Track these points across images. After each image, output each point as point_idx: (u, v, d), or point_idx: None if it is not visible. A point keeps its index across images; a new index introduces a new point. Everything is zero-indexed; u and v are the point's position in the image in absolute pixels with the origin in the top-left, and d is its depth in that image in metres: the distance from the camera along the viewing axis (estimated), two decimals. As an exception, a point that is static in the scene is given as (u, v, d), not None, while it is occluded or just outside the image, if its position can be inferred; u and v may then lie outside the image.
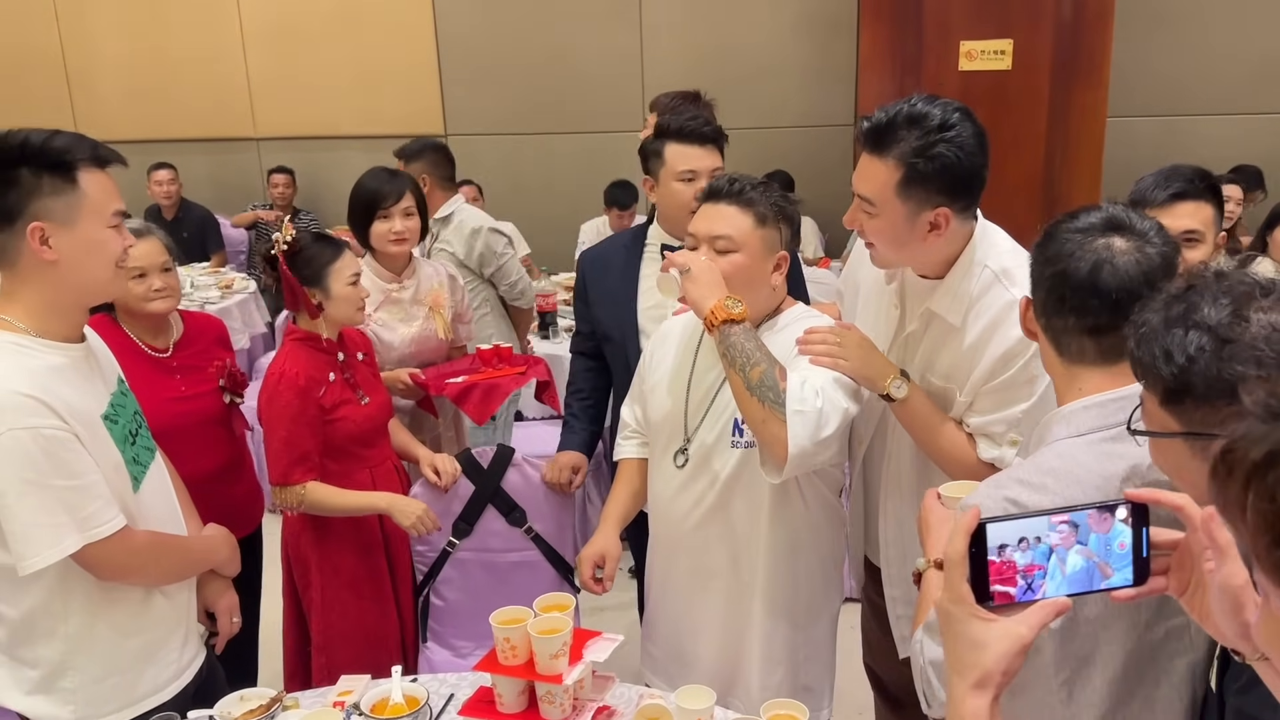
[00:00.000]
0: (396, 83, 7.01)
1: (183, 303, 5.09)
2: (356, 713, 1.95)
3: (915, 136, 1.80)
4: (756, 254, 2.02)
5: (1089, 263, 1.42)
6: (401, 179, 3.09)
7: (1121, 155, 5.63)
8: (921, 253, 1.92)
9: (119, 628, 1.92)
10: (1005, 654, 1.00)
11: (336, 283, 2.61)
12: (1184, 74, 6.13)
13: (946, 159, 1.79)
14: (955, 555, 1.02)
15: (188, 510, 2.19)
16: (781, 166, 6.26)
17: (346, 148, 6.75)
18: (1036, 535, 1.02)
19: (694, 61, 6.64)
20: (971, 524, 1.01)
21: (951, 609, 1.03)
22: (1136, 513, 1.03)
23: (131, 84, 7.34)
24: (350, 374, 2.67)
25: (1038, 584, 1.02)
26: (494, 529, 2.83)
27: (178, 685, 2.02)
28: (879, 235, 1.92)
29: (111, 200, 1.83)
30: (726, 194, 2.04)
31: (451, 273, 3.28)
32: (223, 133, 7.37)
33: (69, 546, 1.76)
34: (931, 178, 1.80)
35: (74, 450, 1.76)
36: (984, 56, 5.14)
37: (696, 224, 2.06)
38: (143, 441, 2.00)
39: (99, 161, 1.82)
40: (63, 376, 1.80)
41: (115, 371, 2.02)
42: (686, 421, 2.16)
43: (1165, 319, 1.13)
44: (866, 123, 1.88)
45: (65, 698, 1.89)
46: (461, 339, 3.33)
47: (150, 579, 1.96)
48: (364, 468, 2.66)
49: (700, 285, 1.95)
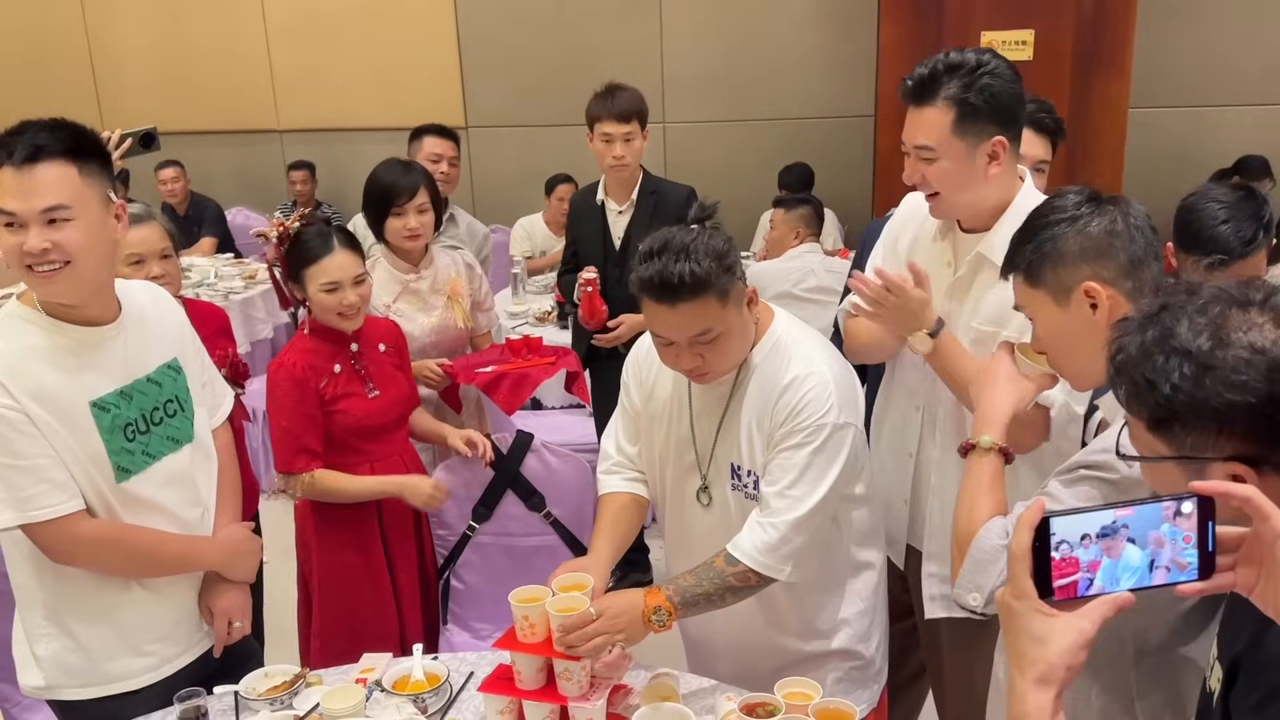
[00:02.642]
0: (418, 76, 7.04)
1: (206, 293, 5.22)
2: (379, 689, 1.99)
3: (959, 78, 1.96)
4: (736, 322, 1.90)
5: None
6: (415, 173, 3.05)
7: (1143, 146, 5.60)
8: (982, 192, 2.03)
9: (84, 608, 1.95)
10: (1069, 648, 0.99)
11: (311, 285, 2.54)
12: (1206, 65, 6.08)
13: (993, 88, 1.96)
14: (1019, 550, 1.01)
15: (224, 506, 2.14)
16: (802, 159, 6.26)
17: (368, 140, 6.78)
18: (1100, 529, 1.00)
19: (713, 54, 6.64)
20: (1035, 518, 1.00)
21: (1014, 604, 1.02)
22: (1203, 505, 1.01)
23: (156, 76, 7.42)
24: (362, 365, 2.62)
25: (1101, 578, 1.01)
26: (513, 513, 2.86)
27: (153, 676, 2.01)
28: (943, 178, 2.02)
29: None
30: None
31: (469, 261, 3.29)
32: (246, 125, 7.43)
33: (2, 521, 1.82)
34: (982, 109, 1.96)
35: (23, 430, 1.78)
36: (1005, 47, 5.11)
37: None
38: (166, 431, 1.99)
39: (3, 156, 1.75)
40: (52, 358, 1.82)
41: (170, 355, 2.02)
42: (698, 458, 2.07)
43: (1142, 344, 1.11)
44: (909, 81, 2.03)
45: (39, 663, 1.96)
46: (482, 327, 3.34)
47: (105, 569, 1.95)
48: (364, 462, 2.61)
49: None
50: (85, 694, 1.97)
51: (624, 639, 1.88)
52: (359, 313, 2.58)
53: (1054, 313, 1.62)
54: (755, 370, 1.98)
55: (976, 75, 1.95)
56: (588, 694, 1.84)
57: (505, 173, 6.94)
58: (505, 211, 6.66)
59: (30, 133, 1.76)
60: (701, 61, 6.68)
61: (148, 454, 1.95)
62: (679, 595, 1.91)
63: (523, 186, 6.52)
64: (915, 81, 2.01)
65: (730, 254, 1.86)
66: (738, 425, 2.00)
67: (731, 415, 2.01)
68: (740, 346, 1.94)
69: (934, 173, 2.01)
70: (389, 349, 2.73)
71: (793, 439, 1.92)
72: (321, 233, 2.58)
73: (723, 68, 6.68)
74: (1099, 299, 1.56)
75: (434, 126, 3.97)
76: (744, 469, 2.00)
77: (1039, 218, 1.65)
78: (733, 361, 1.96)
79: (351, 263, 2.55)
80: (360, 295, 2.56)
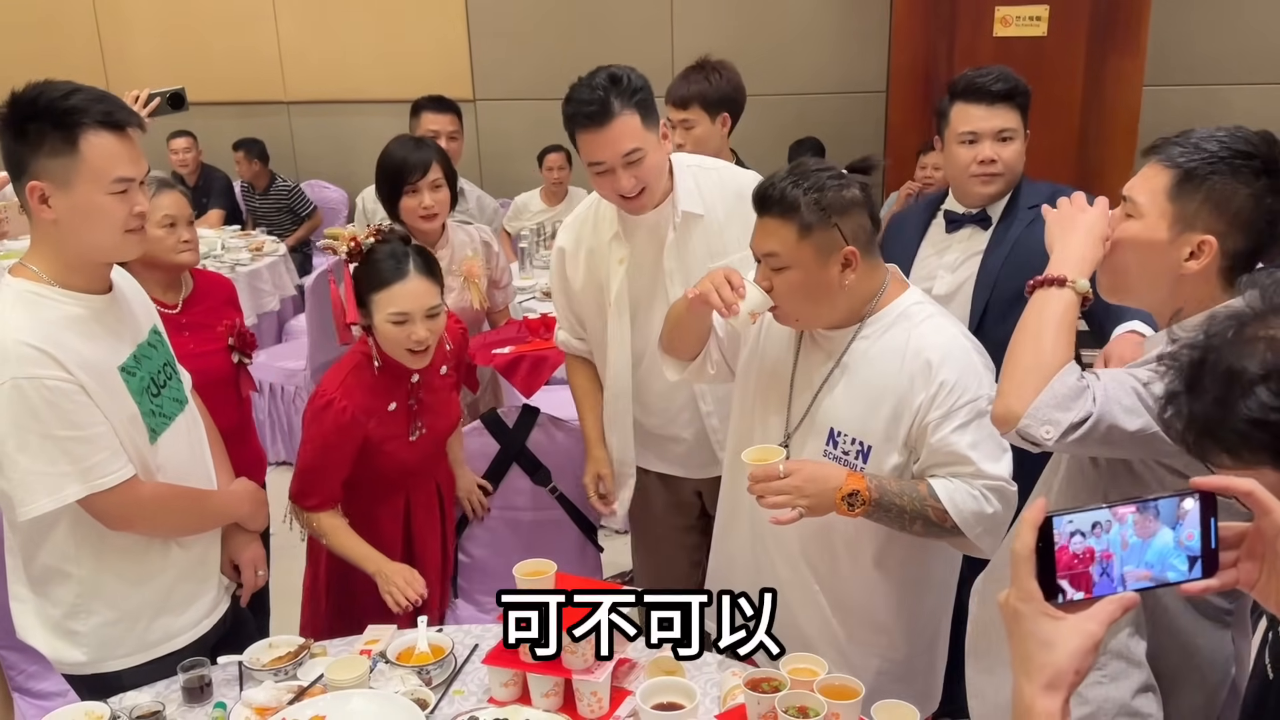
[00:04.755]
0: (425, 47, 6.99)
1: (213, 265, 5.21)
2: (383, 660, 1.99)
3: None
4: (810, 266, 1.89)
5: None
6: (427, 149, 2.98)
7: (1156, 124, 5.50)
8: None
9: (127, 576, 1.96)
10: (1077, 651, 0.96)
11: (378, 313, 2.23)
12: (1220, 43, 6.00)
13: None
14: (1024, 551, 0.98)
15: (220, 464, 2.21)
16: (813, 133, 6.20)
17: (375, 112, 6.74)
18: (1103, 527, 0.98)
19: (725, 26, 6.57)
20: (1038, 518, 0.98)
21: (1020, 607, 0.99)
22: (1204, 502, 0.99)
23: (163, 47, 7.36)
24: (417, 401, 2.38)
25: (1106, 578, 0.99)
26: (519, 487, 2.86)
27: (193, 634, 2.06)
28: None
29: (116, 166, 1.78)
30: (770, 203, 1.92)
31: (486, 239, 3.23)
32: (253, 96, 7.38)
33: (70, 495, 1.80)
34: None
35: (78, 401, 1.78)
36: (1020, 22, 5.05)
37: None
38: (170, 393, 2.02)
39: (112, 125, 1.77)
40: (78, 327, 1.82)
41: (150, 321, 2.04)
42: (789, 415, 2.06)
43: (1216, 399, 1.06)
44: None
45: (78, 639, 1.95)
46: (499, 304, 3.30)
47: (161, 530, 1.99)
48: (400, 494, 2.47)
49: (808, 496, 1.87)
50: (131, 662, 1.98)
51: (807, 506, 1.86)
52: (429, 351, 2.27)
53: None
54: (874, 340, 1.96)
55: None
56: (593, 667, 1.84)
57: (513, 146, 6.88)
58: (513, 185, 6.61)
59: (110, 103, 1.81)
60: (713, 35, 6.58)
61: (164, 415, 1.99)
62: (879, 492, 1.87)
63: (531, 160, 6.47)
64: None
65: (838, 202, 1.86)
66: (845, 391, 1.97)
67: (837, 380, 1.98)
68: (818, 298, 1.92)
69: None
70: (450, 368, 2.53)
71: (955, 419, 1.88)
72: (396, 253, 2.26)
73: (734, 41, 6.59)
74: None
75: (432, 100, 3.87)
76: (844, 434, 1.97)
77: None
78: (808, 311, 1.95)
79: (427, 292, 2.24)
80: (431, 330, 2.25)
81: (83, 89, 1.77)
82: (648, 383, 2.52)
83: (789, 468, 1.85)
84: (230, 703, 1.89)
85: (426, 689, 1.89)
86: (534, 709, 1.84)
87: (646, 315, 2.46)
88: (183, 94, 2.69)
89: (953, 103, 2.50)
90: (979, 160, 2.46)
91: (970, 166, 2.47)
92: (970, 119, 2.46)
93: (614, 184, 2.29)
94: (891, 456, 1.94)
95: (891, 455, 1.94)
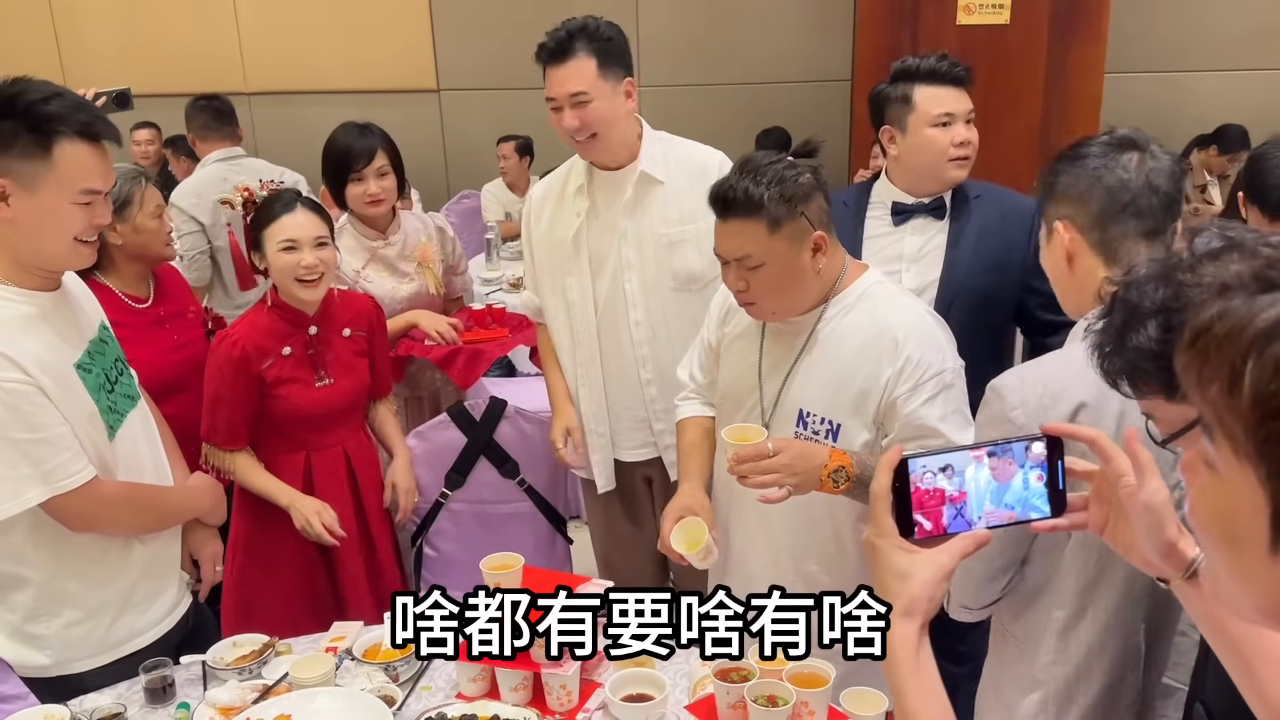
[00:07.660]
0: (388, 37, 6.91)
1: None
2: (349, 658, 1.97)
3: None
4: (784, 258, 1.88)
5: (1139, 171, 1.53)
6: (372, 136, 2.95)
7: (1118, 111, 5.58)
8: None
9: (89, 576, 1.93)
10: (928, 581, 1.04)
11: (269, 245, 2.38)
12: (1183, 30, 6.07)
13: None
14: (879, 490, 1.06)
15: (174, 458, 2.19)
16: (779, 122, 6.20)
17: (338, 103, 6.65)
18: (957, 469, 1.05)
19: (689, 15, 6.56)
20: (894, 460, 1.05)
21: (877, 542, 1.07)
22: (1052, 445, 1.07)
23: (120, 37, 7.23)
24: (317, 350, 2.47)
25: (959, 516, 1.06)
26: (486, 480, 2.84)
27: (157, 632, 2.04)
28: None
29: (86, 177, 1.76)
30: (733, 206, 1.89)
31: (440, 224, 3.22)
32: (213, 87, 7.23)
33: (32, 498, 1.77)
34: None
35: (37, 403, 1.75)
36: (982, 10, 5.08)
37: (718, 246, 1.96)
38: (123, 389, 1.99)
39: (89, 136, 1.75)
40: (31, 327, 1.79)
41: (97, 317, 2.01)
42: (761, 400, 2.06)
43: (1118, 332, 1.09)
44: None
45: (42, 643, 1.92)
46: (456, 290, 3.29)
47: (123, 529, 1.96)
48: (301, 449, 2.50)
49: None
50: (95, 663, 1.95)
51: (795, 484, 1.85)
52: (320, 281, 2.40)
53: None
54: (836, 321, 1.96)
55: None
56: (565, 660, 1.82)
57: (478, 136, 6.83)
58: (478, 176, 6.58)
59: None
60: (678, 24, 6.59)
61: (118, 412, 1.96)
62: (860, 468, 1.86)
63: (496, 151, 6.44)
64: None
65: (800, 190, 1.84)
66: (813, 373, 1.97)
67: (804, 363, 1.98)
68: (793, 287, 1.91)
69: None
70: (357, 334, 2.56)
71: (923, 393, 1.89)
72: (284, 197, 2.45)
73: (699, 30, 6.60)
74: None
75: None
76: (814, 415, 1.98)
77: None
78: (785, 302, 1.94)
79: (312, 223, 2.39)
80: (320, 259, 2.38)
81: (64, 94, 1.75)
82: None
83: (777, 445, 1.85)
84: (194, 703, 1.86)
85: (394, 685, 1.87)
86: (502, 703, 1.83)
87: (599, 271, 2.52)
88: (128, 93, 2.71)
89: (914, 86, 2.48)
90: (956, 143, 2.44)
91: (949, 149, 2.43)
92: (944, 101, 2.44)
93: (560, 120, 2.41)
94: (861, 434, 1.95)
95: (861, 433, 1.95)
